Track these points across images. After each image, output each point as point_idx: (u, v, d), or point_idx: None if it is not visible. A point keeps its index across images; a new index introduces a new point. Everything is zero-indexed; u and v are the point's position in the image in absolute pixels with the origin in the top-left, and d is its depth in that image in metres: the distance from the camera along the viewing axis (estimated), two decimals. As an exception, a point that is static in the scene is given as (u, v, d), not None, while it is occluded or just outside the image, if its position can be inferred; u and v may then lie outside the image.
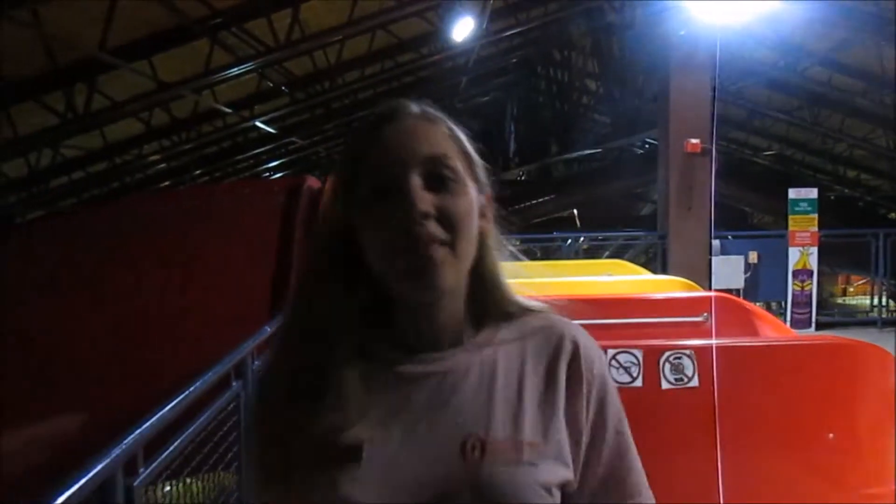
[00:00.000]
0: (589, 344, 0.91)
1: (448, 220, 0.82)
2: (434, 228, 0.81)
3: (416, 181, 0.82)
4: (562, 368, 0.87)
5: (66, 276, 3.98)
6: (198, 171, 15.86)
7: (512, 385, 0.86)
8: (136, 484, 1.74)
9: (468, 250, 0.85)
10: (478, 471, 0.79)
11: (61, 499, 1.38)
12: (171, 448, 2.03)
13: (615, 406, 0.89)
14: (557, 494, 0.83)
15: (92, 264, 4.04)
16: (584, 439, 0.86)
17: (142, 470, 1.79)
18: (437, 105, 0.91)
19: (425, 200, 0.81)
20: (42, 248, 4.15)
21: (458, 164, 0.86)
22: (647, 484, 0.90)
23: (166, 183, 15.61)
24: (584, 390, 0.87)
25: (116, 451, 1.63)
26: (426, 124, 0.88)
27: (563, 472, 0.84)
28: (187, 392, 2.17)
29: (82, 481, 1.47)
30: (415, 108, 0.89)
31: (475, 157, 0.91)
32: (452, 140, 0.88)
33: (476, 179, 0.89)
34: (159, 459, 1.93)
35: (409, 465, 0.79)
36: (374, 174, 0.84)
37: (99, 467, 1.54)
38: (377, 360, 0.85)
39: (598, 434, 0.87)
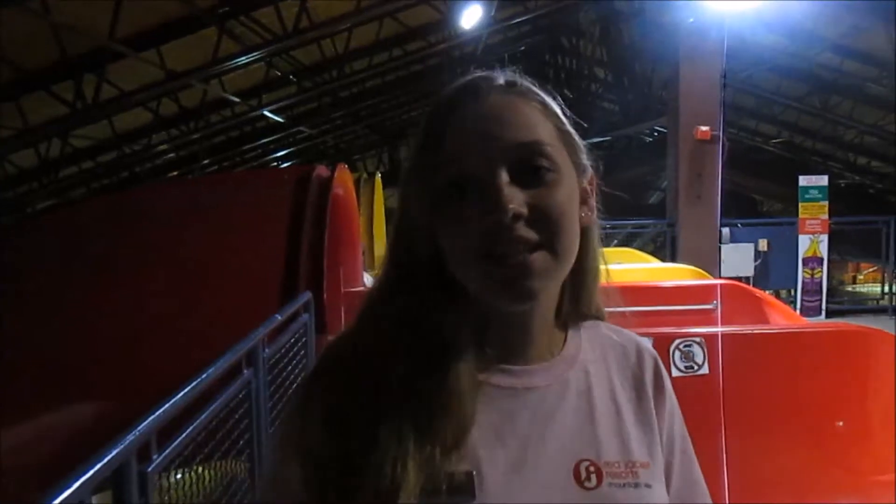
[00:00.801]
0: (658, 357, 0.85)
1: (544, 220, 0.70)
2: (527, 231, 0.69)
3: (504, 176, 0.69)
4: (649, 385, 0.81)
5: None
6: (206, 161, 15.89)
7: (609, 402, 0.78)
8: (149, 470, 1.75)
9: (570, 251, 0.73)
10: (596, 497, 0.72)
11: (76, 484, 1.39)
12: (184, 435, 2.04)
13: (681, 418, 0.84)
14: None
15: (99, 256, 4.05)
16: (666, 457, 0.81)
17: (155, 457, 1.80)
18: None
19: (515, 199, 0.69)
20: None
21: (555, 150, 0.73)
22: (709, 495, 0.85)
23: (175, 172, 15.64)
24: (665, 407, 0.82)
25: (130, 438, 1.64)
26: (515, 101, 0.74)
27: (666, 494, 0.78)
28: (199, 380, 2.18)
29: (97, 467, 1.48)
30: (501, 79, 0.75)
31: (574, 135, 0.78)
32: (547, 118, 0.75)
33: (576, 162, 0.76)
34: (172, 446, 1.94)
35: (523, 495, 0.70)
36: (452, 164, 0.71)
37: (113, 453, 1.55)
38: (468, 371, 0.72)
39: (674, 450, 0.82)
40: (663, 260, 8.07)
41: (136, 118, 11.69)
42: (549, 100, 0.77)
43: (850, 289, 14.53)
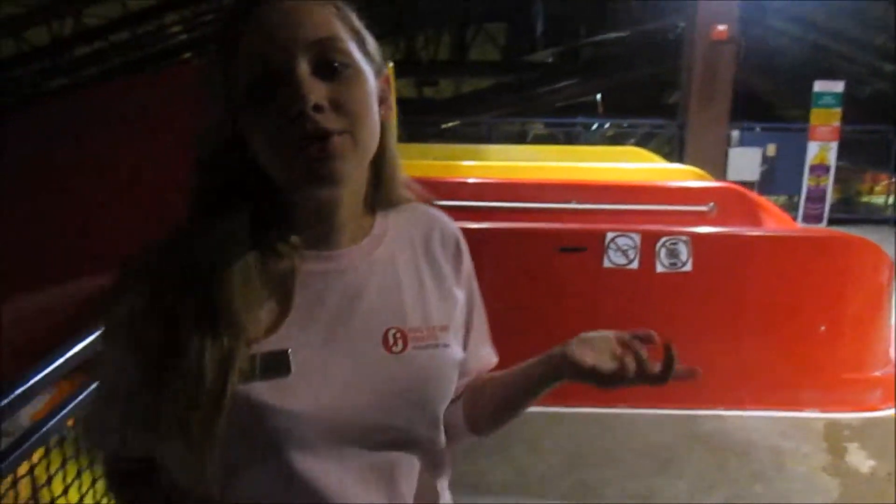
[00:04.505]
0: (459, 231, 0.96)
1: (344, 111, 0.75)
2: (330, 120, 0.74)
3: (304, 68, 0.74)
4: (449, 257, 0.93)
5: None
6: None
7: (413, 275, 0.88)
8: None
9: (369, 141, 0.80)
10: (403, 359, 0.82)
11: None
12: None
13: (475, 282, 0.97)
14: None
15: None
16: (465, 317, 0.94)
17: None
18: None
19: (316, 90, 0.74)
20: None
21: (351, 47, 0.79)
22: (493, 346, 1.02)
23: (188, 54, 15.46)
24: (464, 273, 0.94)
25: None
26: (310, 2, 0.78)
27: (461, 350, 0.92)
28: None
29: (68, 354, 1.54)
30: None
31: (368, 36, 0.83)
32: (341, 19, 0.80)
33: (372, 61, 0.82)
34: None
35: (336, 366, 0.79)
36: (253, 63, 0.75)
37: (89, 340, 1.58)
38: (280, 261, 0.80)
39: (470, 311, 0.96)
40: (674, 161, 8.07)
41: (147, -3, 11.51)
42: (341, 2, 0.82)
43: (865, 199, 14.41)
